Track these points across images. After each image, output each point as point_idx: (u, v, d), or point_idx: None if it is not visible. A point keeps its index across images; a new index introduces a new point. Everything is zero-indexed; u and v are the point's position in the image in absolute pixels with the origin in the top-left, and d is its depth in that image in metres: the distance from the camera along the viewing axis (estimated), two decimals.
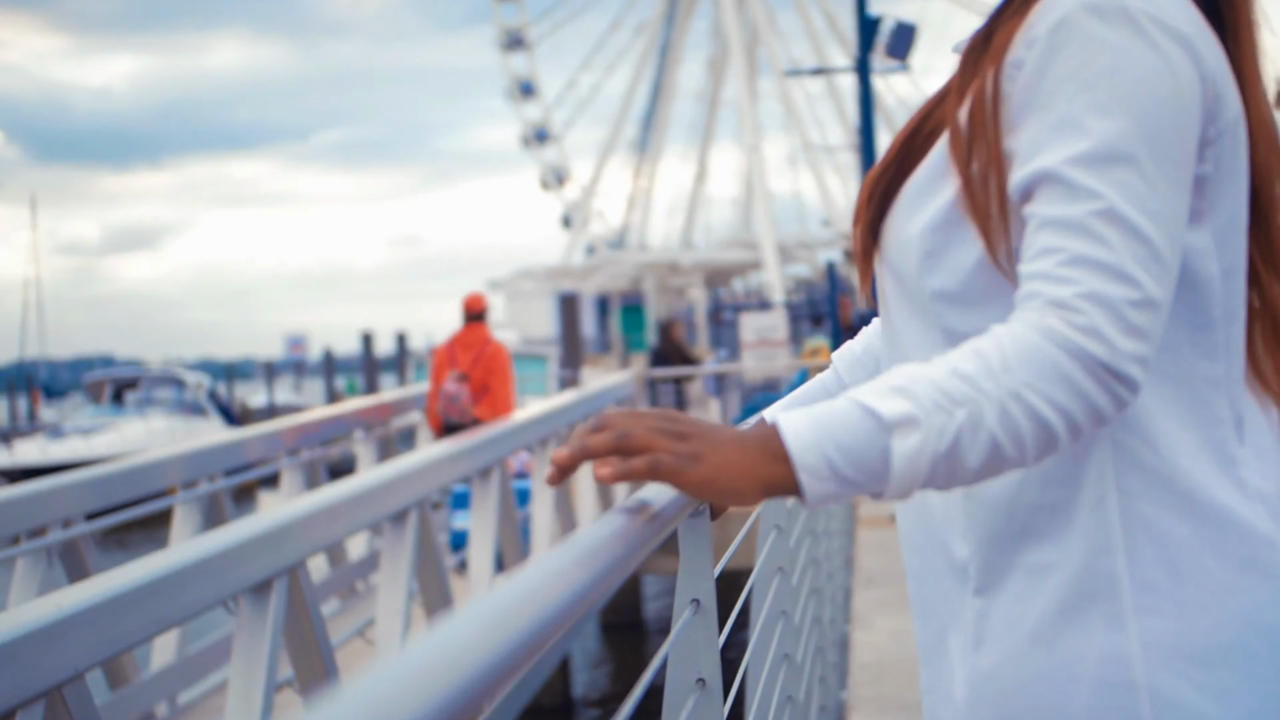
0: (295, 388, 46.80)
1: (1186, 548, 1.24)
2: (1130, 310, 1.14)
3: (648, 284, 44.83)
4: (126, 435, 23.85)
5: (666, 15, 50.82)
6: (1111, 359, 1.13)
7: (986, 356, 1.14)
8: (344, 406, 10.07)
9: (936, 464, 1.13)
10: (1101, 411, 1.15)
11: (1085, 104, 1.18)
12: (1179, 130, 1.19)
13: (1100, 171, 1.16)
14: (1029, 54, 1.22)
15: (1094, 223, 1.16)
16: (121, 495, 5.81)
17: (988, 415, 1.12)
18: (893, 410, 1.12)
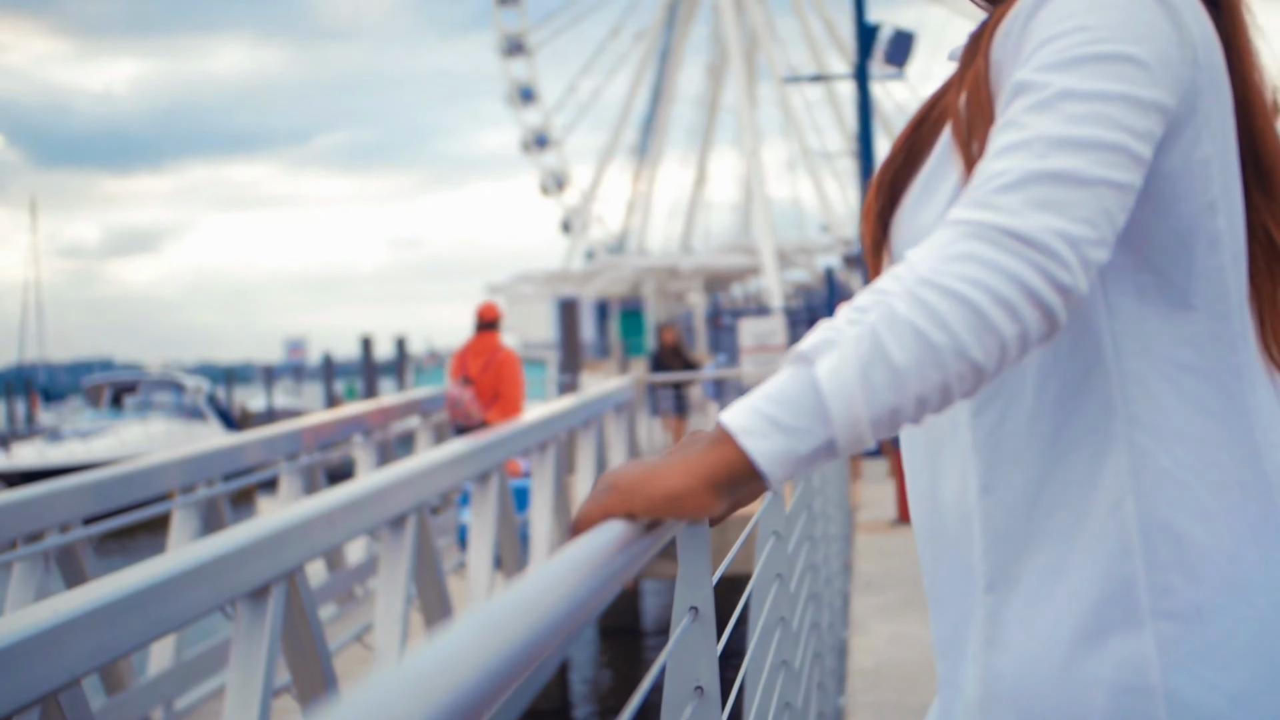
0: (294, 391, 46.79)
1: (1204, 550, 1.24)
2: (1039, 182, 1.10)
3: (647, 289, 44.82)
4: (125, 439, 23.84)
5: (666, 21, 50.87)
6: (1016, 226, 1.08)
7: (893, 270, 1.12)
8: (343, 411, 10.08)
9: (866, 373, 1.07)
10: (1027, 283, 1.08)
11: (1058, 32, 1.18)
12: (1153, 79, 1.18)
13: (1063, 70, 1.15)
14: (1014, 28, 1.24)
15: (1025, 113, 1.14)
16: (119, 499, 5.80)
17: (899, 306, 1.08)
18: (810, 343, 1.11)
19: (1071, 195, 1.10)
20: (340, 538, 4.76)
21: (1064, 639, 1.25)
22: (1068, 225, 1.09)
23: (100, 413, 27.56)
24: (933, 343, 1.07)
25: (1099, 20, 1.18)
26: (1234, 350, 1.27)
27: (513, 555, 7.43)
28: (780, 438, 1.09)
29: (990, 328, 1.08)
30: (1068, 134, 1.12)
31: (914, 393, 1.09)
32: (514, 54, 48.93)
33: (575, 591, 0.99)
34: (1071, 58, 1.16)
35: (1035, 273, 1.08)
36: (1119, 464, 1.25)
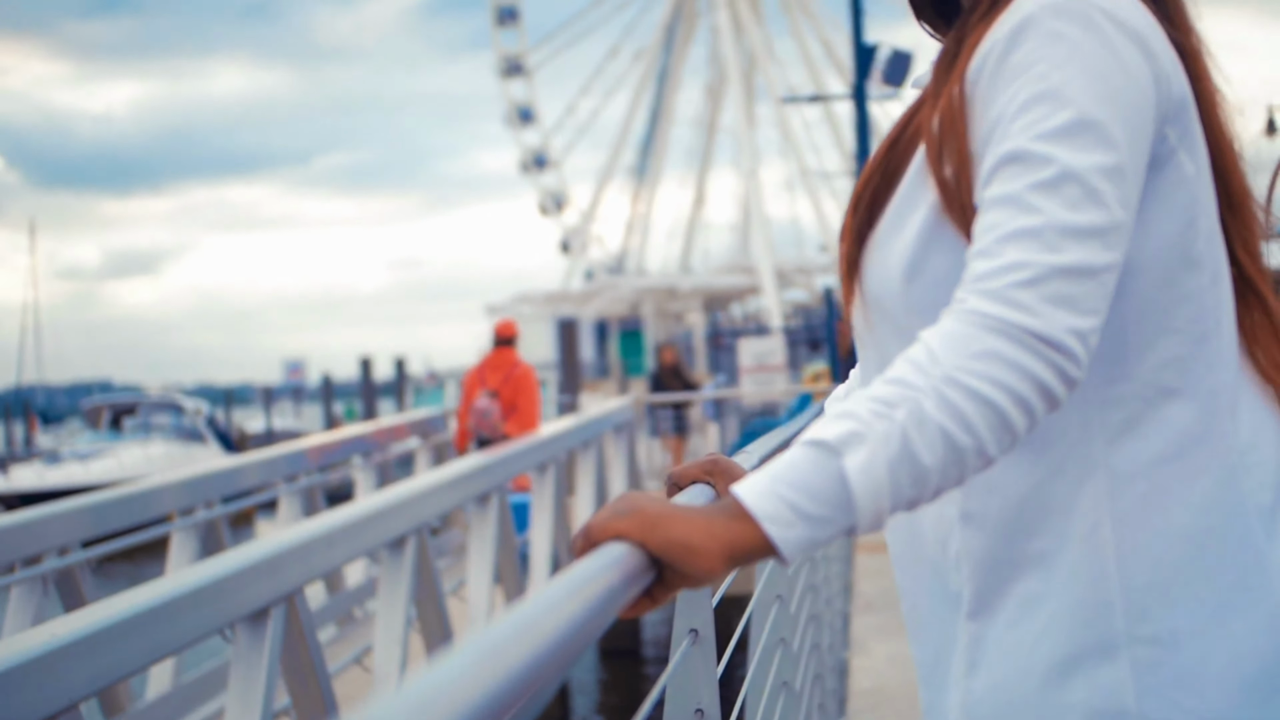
0: (294, 413, 46.76)
1: (1181, 574, 1.24)
2: (1055, 278, 1.13)
3: (646, 309, 44.85)
4: (124, 461, 23.79)
5: (665, 42, 51.01)
6: (1039, 327, 1.12)
7: (915, 358, 1.13)
8: (342, 432, 10.07)
9: (894, 470, 1.09)
10: (1044, 382, 1.12)
11: (1041, 92, 1.20)
12: (1133, 116, 1.21)
13: (1058, 142, 1.18)
14: (991, 56, 1.25)
15: (1030, 194, 1.16)
16: (118, 522, 5.79)
17: (927, 407, 1.10)
18: (835, 433, 1.10)
19: (1083, 288, 1.14)
20: (339, 559, 4.75)
21: (1042, 665, 1.26)
22: (1081, 321, 1.14)
23: (99, 435, 27.51)
24: (958, 444, 1.11)
25: (1080, 70, 1.20)
26: (1214, 371, 1.28)
27: (513, 577, 7.41)
28: (804, 526, 1.09)
29: (1009, 427, 1.12)
30: (1075, 222, 1.15)
31: (935, 487, 1.12)
32: (513, 75, 49.06)
33: (576, 616, 0.98)
34: (1063, 126, 1.18)
35: (1052, 372, 1.12)
36: (1097, 489, 1.26)
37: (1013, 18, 1.25)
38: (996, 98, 1.23)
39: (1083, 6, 1.23)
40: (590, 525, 1.13)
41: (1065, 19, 1.22)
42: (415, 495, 5.59)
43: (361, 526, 4.80)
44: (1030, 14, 1.23)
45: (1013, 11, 1.26)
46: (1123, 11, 1.25)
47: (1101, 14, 1.23)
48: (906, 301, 1.31)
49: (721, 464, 1.58)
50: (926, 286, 1.29)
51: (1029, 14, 1.24)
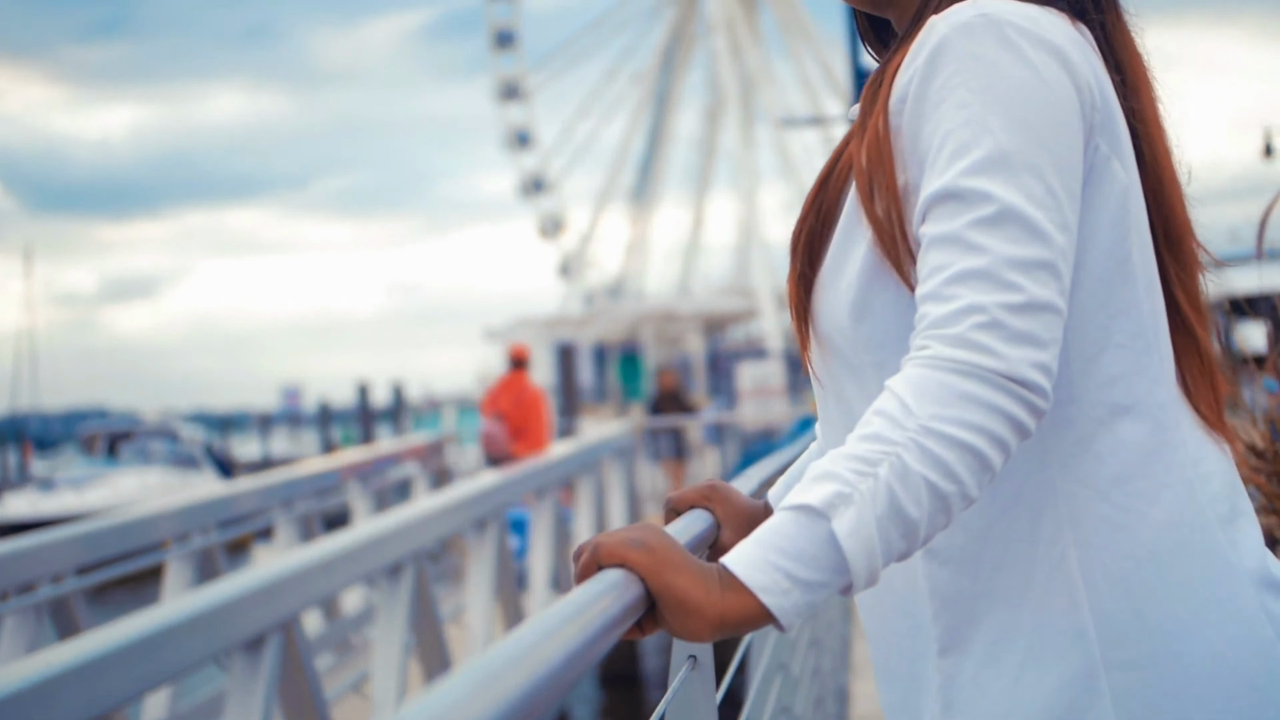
0: (290, 438, 46.71)
1: (1152, 594, 1.23)
2: (1011, 316, 1.14)
3: (645, 332, 44.88)
4: (119, 488, 23.74)
5: (663, 65, 51.17)
6: (1004, 368, 1.13)
7: (887, 410, 1.14)
8: (339, 458, 10.06)
9: (884, 528, 1.10)
10: (1015, 419, 1.13)
11: (965, 120, 1.19)
12: (1060, 134, 1.20)
13: (989, 176, 1.17)
14: (912, 84, 1.24)
15: (972, 233, 1.16)
16: (113, 550, 5.77)
17: (909, 460, 1.11)
18: (820, 496, 1.10)
19: (1039, 322, 1.15)
20: (337, 586, 4.72)
21: (1021, 699, 1.25)
22: (1041, 354, 1.15)
23: (94, 462, 27.49)
24: (943, 493, 1.12)
25: (1000, 93, 1.19)
26: (1160, 384, 1.28)
27: (512, 602, 7.38)
28: (800, 593, 1.09)
29: (988, 466, 1.13)
30: (1022, 257, 1.15)
31: (924, 536, 1.13)
32: (510, 98, 49.19)
33: (575, 642, 0.97)
34: (991, 157, 1.18)
35: (1022, 407, 1.13)
36: (1058, 515, 1.25)
37: (928, 42, 1.24)
38: (921, 128, 1.23)
39: (995, 24, 1.22)
40: (601, 544, 1.13)
41: (979, 40, 1.21)
42: (413, 521, 5.57)
43: (359, 553, 4.78)
44: (944, 37, 1.23)
45: (927, 35, 1.25)
46: (1037, 26, 1.24)
47: (1015, 30, 1.22)
48: (856, 340, 1.31)
49: (720, 490, 1.58)
50: (875, 325, 1.29)
51: (943, 37, 1.23)
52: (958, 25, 1.23)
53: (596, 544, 1.14)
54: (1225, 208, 2.59)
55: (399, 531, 5.32)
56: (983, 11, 1.23)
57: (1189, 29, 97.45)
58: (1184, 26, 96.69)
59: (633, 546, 1.12)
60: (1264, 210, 3.23)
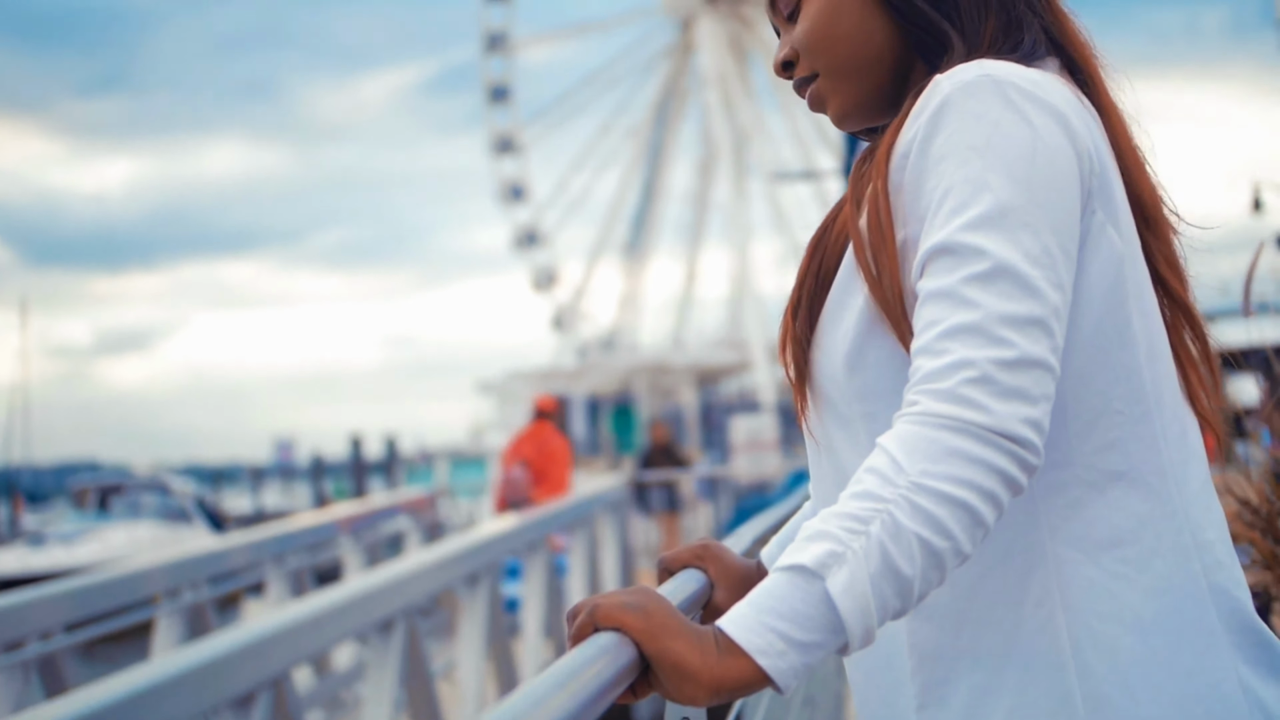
0: (283, 491, 46.57)
1: (1138, 660, 1.22)
2: (1002, 372, 1.14)
3: (638, 385, 44.86)
4: (110, 543, 23.60)
5: (656, 119, 51.46)
6: (994, 423, 1.13)
7: (878, 468, 1.14)
8: (331, 512, 10.01)
9: (878, 586, 1.09)
10: (1007, 474, 1.13)
11: (965, 177, 1.20)
12: (1058, 195, 1.21)
13: (986, 232, 1.18)
14: (915, 143, 1.25)
15: (966, 288, 1.17)
16: (102, 605, 5.73)
17: (901, 518, 1.10)
18: (814, 556, 1.10)
19: (1030, 378, 1.15)
20: (327, 643, 4.69)
21: None
22: (1032, 410, 1.15)
23: (85, 516, 27.34)
24: (936, 550, 1.11)
25: (1001, 152, 1.20)
26: (1158, 451, 1.27)
27: (504, 658, 7.33)
28: (796, 654, 1.09)
29: (980, 522, 1.13)
30: (1014, 313, 1.16)
31: (918, 593, 1.13)
32: (505, 152, 49.41)
33: (567, 708, 0.96)
34: (988, 214, 1.19)
35: (1014, 463, 1.13)
36: (1046, 577, 1.24)
37: (931, 102, 1.25)
38: (923, 184, 1.24)
39: (999, 86, 1.23)
40: (598, 606, 1.13)
41: (982, 99, 1.23)
42: (405, 576, 5.54)
43: (350, 609, 4.75)
44: (947, 96, 1.24)
45: (930, 95, 1.26)
46: (1039, 89, 1.25)
47: (1018, 92, 1.23)
48: (849, 391, 1.31)
49: (713, 549, 1.57)
50: (868, 376, 1.30)
51: (946, 96, 1.24)
52: (961, 84, 1.24)
53: (594, 605, 1.14)
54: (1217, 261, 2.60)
55: (391, 587, 5.29)
56: (986, 72, 1.25)
57: (1179, 82, 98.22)
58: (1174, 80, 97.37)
59: (630, 610, 1.12)
60: (1249, 264, 3.24)
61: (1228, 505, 3.08)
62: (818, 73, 1.41)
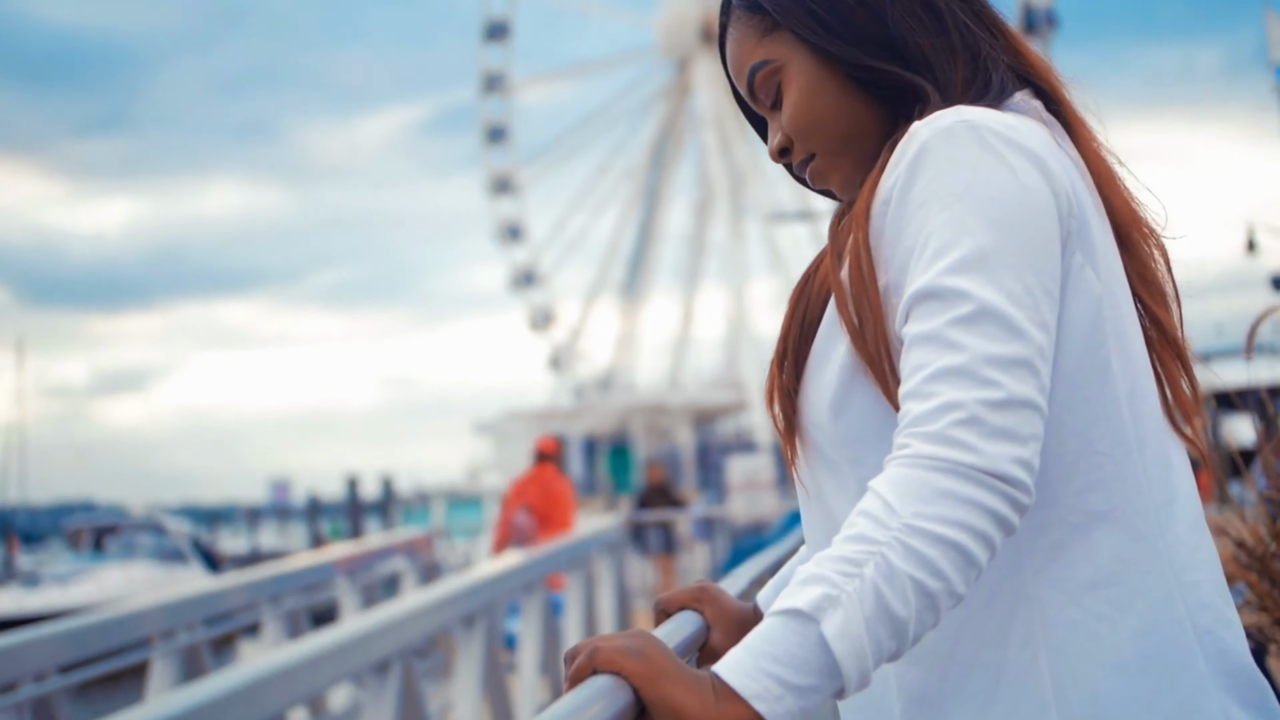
0: (278, 532, 46.42)
1: (1121, 704, 1.22)
2: (990, 412, 1.15)
3: (635, 425, 44.82)
4: (105, 584, 23.50)
5: (653, 160, 51.63)
6: (984, 464, 1.13)
7: (870, 511, 1.14)
8: (327, 553, 9.99)
9: (873, 629, 1.10)
10: (999, 514, 1.13)
11: (946, 221, 1.22)
12: (1037, 236, 1.22)
13: (968, 275, 1.19)
14: (895, 189, 1.27)
15: (951, 331, 1.18)
16: (97, 647, 5.70)
17: (894, 560, 1.11)
18: (808, 600, 1.10)
19: (1018, 417, 1.16)
20: (323, 684, 4.67)
21: None
22: (1022, 449, 1.15)
23: (80, 556, 27.24)
24: (930, 591, 1.12)
25: (980, 195, 1.22)
26: (1141, 492, 1.27)
27: (500, 699, 7.29)
28: (792, 698, 1.09)
29: (973, 563, 1.13)
30: (999, 354, 1.17)
31: (913, 636, 1.13)
32: (502, 192, 49.54)
33: None
34: (970, 257, 1.20)
35: (1005, 503, 1.14)
36: (1030, 619, 1.25)
37: (910, 149, 1.27)
38: (904, 230, 1.25)
39: (976, 130, 1.25)
40: (598, 649, 1.14)
41: (960, 144, 1.24)
42: (401, 618, 5.52)
43: (346, 650, 4.73)
44: (925, 143, 1.26)
45: (909, 142, 1.27)
46: (1016, 133, 1.27)
47: (995, 136, 1.25)
48: (834, 435, 1.32)
49: (710, 591, 1.57)
50: (853, 420, 1.31)
51: (924, 143, 1.26)
52: (939, 130, 1.26)
53: (593, 648, 1.14)
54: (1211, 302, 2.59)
55: (387, 628, 5.27)
56: (963, 118, 1.27)
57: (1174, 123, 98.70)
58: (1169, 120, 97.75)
59: (628, 654, 1.13)
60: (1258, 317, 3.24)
61: (1223, 546, 3.08)
62: (814, 153, 1.44)
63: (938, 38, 1.37)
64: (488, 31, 48.38)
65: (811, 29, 1.39)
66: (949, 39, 1.37)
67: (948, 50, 1.37)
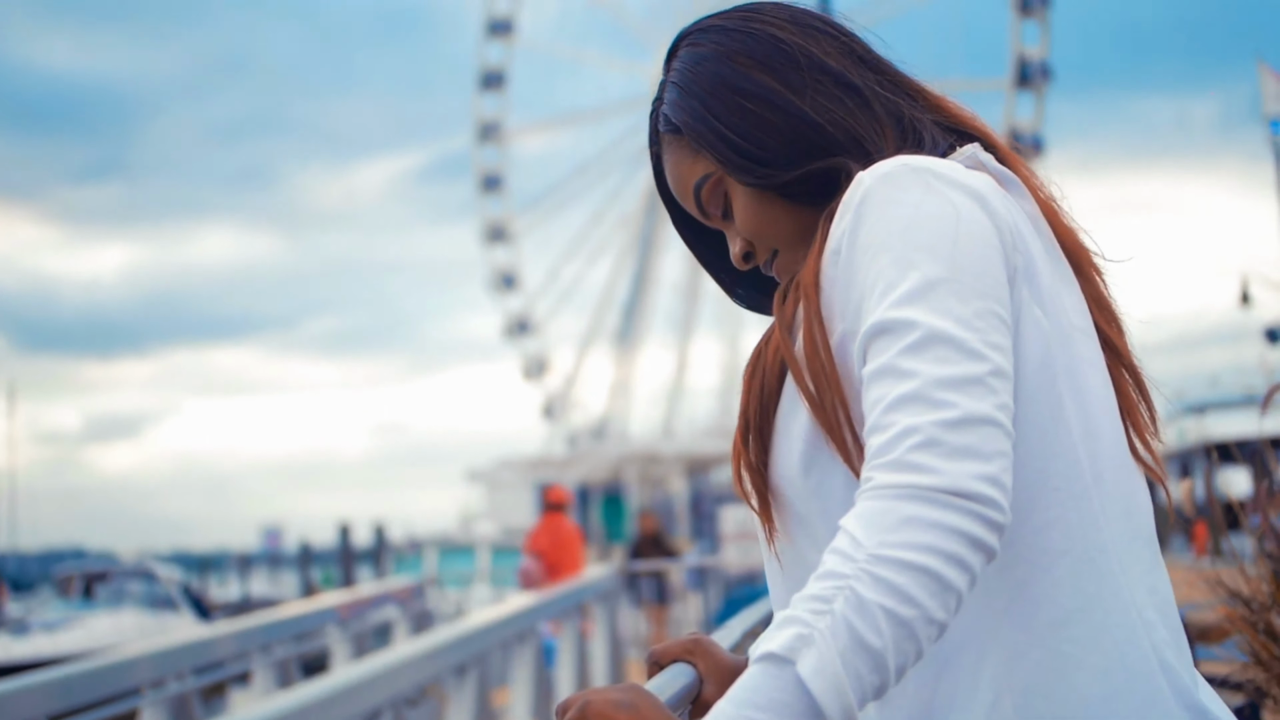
0: (270, 579, 46.21)
1: None
2: (947, 432, 1.14)
3: (628, 474, 44.77)
4: (94, 632, 23.30)
5: (648, 209, 51.82)
6: (946, 483, 1.12)
7: (839, 547, 1.13)
8: (318, 601, 9.94)
9: (850, 663, 1.08)
10: (969, 534, 1.12)
11: (891, 260, 1.23)
12: (983, 265, 1.23)
13: (914, 305, 1.19)
14: (844, 238, 1.28)
15: (901, 360, 1.18)
16: (86, 696, 5.66)
17: (862, 591, 1.09)
18: (782, 642, 1.09)
19: (978, 435, 1.15)
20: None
21: None
22: (986, 466, 1.14)
23: (70, 603, 27.05)
24: (903, 619, 1.10)
25: (923, 231, 1.23)
26: (1099, 528, 1.27)
27: None
28: None
29: (949, 587, 1.11)
30: (951, 375, 1.16)
31: (894, 667, 1.11)
32: (497, 240, 49.69)
33: None
34: (916, 288, 1.20)
35: (976, 522, 1.12)
36: (997, 661, 1.24)
37: (855, 196, 1.28)
38: (854, 278, 1.26)
39: (916, 172, 1.27)
40: (590, 703, 1.14)
41: (902, 185, 1.26)
42: (392, 667, 5.48)
43: (336, 700, 4.69)
44: (868, 189, 1.27)
45: (854, 191, 1.29)
46: (956, 173, 1.29)
47: (936, 177, 1.27)
48: (805, 490, 1.32)
49: (703, 644, 1.57)
50: (822, 475, 1.30)
51: (867, 189, 1.27)
52: (881, 175, 1.28)
53: (585, 702, 1.14)
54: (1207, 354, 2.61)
55: (378, 678, 5.23)
56: (904, 162, 1.29)
57: (1170, 175, 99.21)
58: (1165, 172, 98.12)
59: (621, 709, 1.13)
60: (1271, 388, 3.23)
61: (1219, 599, 3.07)
62: (777, 250, 1.46)
63: (862, 113, 1.39)
64: (483, 80, 48.71)
65: (728, 159, 1.41)
66: (872, 111, 1.39)
67: (873, 122, 1.39)
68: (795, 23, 1.44)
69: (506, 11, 49.04)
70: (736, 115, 1.40)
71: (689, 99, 1.44)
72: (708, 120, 1.42)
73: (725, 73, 1.42)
